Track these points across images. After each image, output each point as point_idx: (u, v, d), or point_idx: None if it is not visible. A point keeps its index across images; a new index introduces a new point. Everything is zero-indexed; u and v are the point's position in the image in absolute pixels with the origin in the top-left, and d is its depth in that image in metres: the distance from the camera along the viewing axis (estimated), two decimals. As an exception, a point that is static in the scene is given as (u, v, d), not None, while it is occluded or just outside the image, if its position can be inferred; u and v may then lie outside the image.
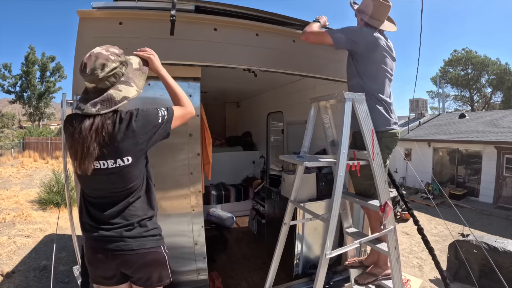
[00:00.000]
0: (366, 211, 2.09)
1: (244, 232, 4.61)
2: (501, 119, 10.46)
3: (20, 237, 5.23)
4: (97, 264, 1.31)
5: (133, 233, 1.27)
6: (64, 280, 3.74)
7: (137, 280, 1.36)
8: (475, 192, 9.62)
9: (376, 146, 1.66)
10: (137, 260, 1.29)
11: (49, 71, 25.83)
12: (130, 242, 1.26)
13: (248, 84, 4.21)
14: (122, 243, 1.25)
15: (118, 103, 1.17)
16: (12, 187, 9.42)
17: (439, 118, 13.39)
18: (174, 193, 2.15)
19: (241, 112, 6.82)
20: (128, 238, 1.26)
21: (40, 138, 19.35)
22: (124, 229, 1.26)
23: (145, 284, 1.37)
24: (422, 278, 4.13)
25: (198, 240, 2.26)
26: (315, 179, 2.98)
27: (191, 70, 2.10)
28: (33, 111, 26.00)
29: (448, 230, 5.91)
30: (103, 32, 1.77)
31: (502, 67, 23.50)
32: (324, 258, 1.54)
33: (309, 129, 1.98)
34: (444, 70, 26.81)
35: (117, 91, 1.18)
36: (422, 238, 2.19)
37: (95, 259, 1.30)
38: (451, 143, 10.18)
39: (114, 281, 1.36)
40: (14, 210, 6.79)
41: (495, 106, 25.09)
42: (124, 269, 1.32)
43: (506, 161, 8.77)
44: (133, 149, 1.21)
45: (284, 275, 2.99)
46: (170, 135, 1.33)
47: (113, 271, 1.31)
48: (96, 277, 1.37)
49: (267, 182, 3.95)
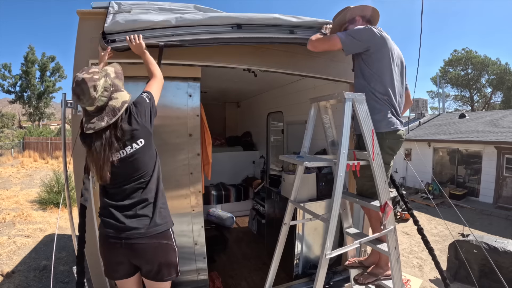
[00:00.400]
0: (367, 212, 2.09)
1: (244, 232, 4.61)
2: (501, 119, 10.45)
3: (20, 237, 5.23)
4: (109, 256, 1.41)
5: (145, 223, 1.38)
6: (64, 280, 3.73)
7: (148, 273, 1.44)
8: (475, 192, 9.62)
9: (376, 146, 1.66)
10: (147, 250, 1.38)
11: (49, 71, 25.82)
12: (142, 231, 1.36)
13: (248, 84, 4.21)
14: (134, 231, 1.35)
15: (120, 108, 1.30)
16: (12, 187, 9.42)
17: (439, 118, 13.39)
18: (174, 193, 2.15)
19: (241, 112, 6.82)
20: (140, 228, 1.36)
21: (40, 138, 19.34)
22: (136, 219, 1.37)
23: (155, 278, 1.45)
24: (422, 278, 4.13)
25: (198, 240, 2.26)
26: (315, 179, 2.98)
27: (191, 70, 2.10)
28: (33, 111, 25.99)
29: (448, 230, 5.91)
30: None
31: (502, 67, 23.49)
32: (324, 258, 1.54)
33: (309, 129, 1.97)
34: (444, 70, 26.80)
35: (114, 100, 1.31)
36: (422, 238, 2.19)
37: (108, 252, 1.40)
38: (451, 143, 10.18)
39: (126, 273, 1.45)
40: (14, 210, 6.78)
41: (495, 106, 25.09)
42: (135, 259, 1.40)
43: (506, 161, 8.77)
44: (142, 131, 1.38)
45: (284, 275, 3.00)
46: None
47: (124, 261, 1.40)
48: (109, 270, 1.45)
49: (267, 182, 3.95)
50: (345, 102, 1.62)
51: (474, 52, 24.97)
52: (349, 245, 1.86)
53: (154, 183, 1.46)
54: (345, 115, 1.61)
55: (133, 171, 1.37)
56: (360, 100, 1.66)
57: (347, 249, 1.89)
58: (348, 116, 1.62)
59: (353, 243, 1.88)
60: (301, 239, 2.99)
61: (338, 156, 1.60)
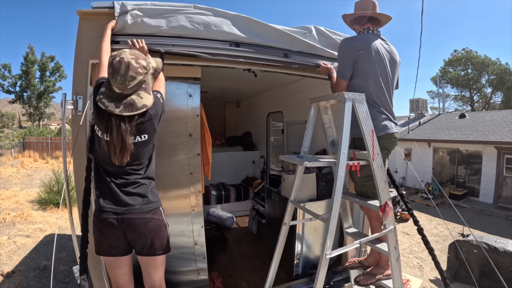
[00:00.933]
0: (367, 212, 2.09)
1: (244, 232, 4.61)
2: (501, 119, 10.45)
3: (20, 237, 5.23)
4: (105, 231, 1.46)
5: (139, 200, 1.48)
6: (64, 280, 3.73)
7: (141, 248, 1.52)
8: (475, 192, 9.62)
9: (376, 146, 1.66)
10: (141, 224, 1.46)
11: (49, 71, 25.82)
12: (137, 207, 1.46)
13: (248, 84, 4.21)
14: (130, 208, 1.44)
15: (138, 109, 1.36)
16: (12, 187, 9.42)
17: (439, 118, 13.38)
18: (174, 193, 2.15)
19: (241, 112, 6.82)
20: (135, 205, 1.46)
21: (40, 138, 19.35)
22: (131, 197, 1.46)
23: (148, 252, 1.53)
24: (422, 278, 4.13)
25: (198, 240, 2.26)
26: (315, 179, 2.98)
27: (191, 70, 2.10)
28: (33, 111, 26.00)
29: (448, 230, 5.91)
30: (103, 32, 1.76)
31: (502, 67, 23.48)
32: (324, 258, 1.54)
33: (309, 129, 1.98)
34: (444, 70, 26.78)
35: (138, 98, 1.36)
36: (422, 238, 2.19)
37: (103, 227, 1.45)
38: (451, 143, 10.17)
39: (119, 251, 1.51)
40: (14, 210, 6.79)
41: (495, 106, 25.08)
42: (129, 234, 1.47)
43: (506, 161, 8.77)
44: (149, 128, 1.46)
45: (284, 275, 2.99)
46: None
47: (120, 237, 1.47)
48: (102, 246, 1.48)
49: (267, 182, 3.95)
50: (345, 102, 1.62)
51: (474, 52, 24.97)
52: (349, 245, 1.86)
53: (149, 172, 1.56)
54: (345, 115, 1.62)
55: (133, 159, 1.46)
56: (360, 100, 1.66)
57: (347, 249, 1.89)
58: (348, 116, 1.62)
59: (353, 243, 1.88)
60: (301, 239, 2.99)
61: (338, 156, 1.60)
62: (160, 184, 1.77)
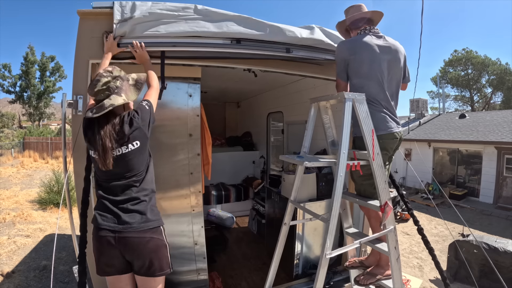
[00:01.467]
0: (366, 212, 2.09)
1: (244, 232, 4.61)
2: (501, 119, 10.45)
3: (20, 237, 5.23)
4: (102, 249, 1.43)
5: (137, 218, 1.44)
6: (64, 280, 3.73)
7: (139, 268, 1.46)
8: (475, 192, 9.61)
9: (376, 146, 1.66)
10: (139, 244, 1.42)
11: (49, 71, 25.82)
12: (135, 226, 1.42)
13: (248, 84, 4.21)
14: (127, 226, 1.41)
15: (105, 109, 1.38)
16: (12, 187, 9.42)
17: (439, 118, 13.38)
18: (174, 193, 2.15)
19: (241, 112, 6.82)
20: (133, 223, 1.42)
21: (40, 138, 19.35)
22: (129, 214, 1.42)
23: (147, 273, 1.47)
24: (422, 278, 4.13)
25: (198, 240, 2.26)
26: (315, 179, 2.98)
27: (191, 70, 2.10)
28: (33, 111, 25.99)
29: (448, 230, 5.91)
30: (103, 32, 1.77)
31: (502, 67, 23.48)
32: (324, 258, 1.54)
33: (309, 129, 1.97)
34: (444, 70, 26.78)
35: (108, 100, 1.41)
36: (422, 238, 2.19)
37: (101, 245, 1.42)
38: (451, 143, 10.17)
39: (116, 269, 1.46)
40: (14, 210, 6.79)
41: (495, 106, 25.08)
42: (127, 254, 1.43)
43: (506, 161, 8.76)
44: (139, 134, 1.47)
45: (284, 275, 3.00)
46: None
47: (118, 256, 1.43)
48: (100, 266, 1.46)
49: (267, 182, 3.95)
50: (345, 102, 1.62)
51: (474, 52, 24.97)
52: (349, 245, 1.86)
53: (148, 184, 1.53)
54: (345, 115, 1.61)
55: (126, 170, 1.45)
56: (360, 100, 1.66)
57: (347, 249, 1.89)
58: (348, 116, 1.62)
59: (353, 243, 1.88)
60: (301, 239, 2.99)
61: (338, 156, 1.60)
62: (160, 184, 1.77)
